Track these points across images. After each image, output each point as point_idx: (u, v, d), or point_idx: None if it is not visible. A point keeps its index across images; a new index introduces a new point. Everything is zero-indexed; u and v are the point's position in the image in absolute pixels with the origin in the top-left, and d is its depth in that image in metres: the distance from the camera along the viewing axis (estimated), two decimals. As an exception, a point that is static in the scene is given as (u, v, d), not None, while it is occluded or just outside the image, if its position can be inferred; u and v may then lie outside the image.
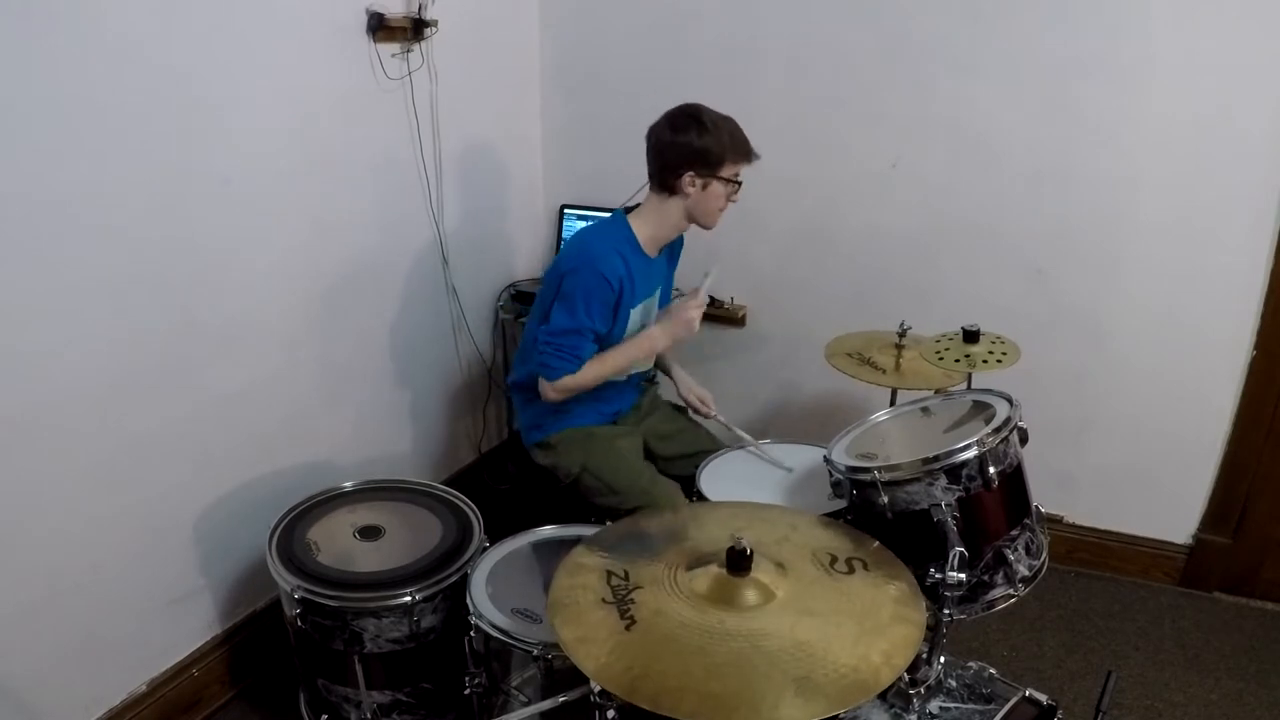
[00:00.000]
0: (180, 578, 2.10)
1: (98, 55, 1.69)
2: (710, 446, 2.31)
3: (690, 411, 2.43)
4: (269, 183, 2.10)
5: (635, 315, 2.18)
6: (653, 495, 2.11)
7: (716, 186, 2.06)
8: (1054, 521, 2.78)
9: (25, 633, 1.78)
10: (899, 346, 2.29)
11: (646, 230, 2.15)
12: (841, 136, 2.72)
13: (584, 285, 2.04)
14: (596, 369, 2.12)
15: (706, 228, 2.16)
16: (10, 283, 1.63)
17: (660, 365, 2.45)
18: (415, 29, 2.37)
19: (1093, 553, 2.81)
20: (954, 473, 1.57)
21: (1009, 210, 2.60)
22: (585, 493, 2.21)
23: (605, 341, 2.14)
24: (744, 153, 2.06)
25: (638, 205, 2.19)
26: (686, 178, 2.04)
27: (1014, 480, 1.64)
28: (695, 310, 2.15)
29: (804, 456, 2.14)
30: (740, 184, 2.09)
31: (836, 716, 1.28)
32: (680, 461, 2.31)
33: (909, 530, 1.60)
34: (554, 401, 2.13)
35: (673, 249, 2.30)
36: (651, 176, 2.11)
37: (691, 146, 2.02)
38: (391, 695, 1.86)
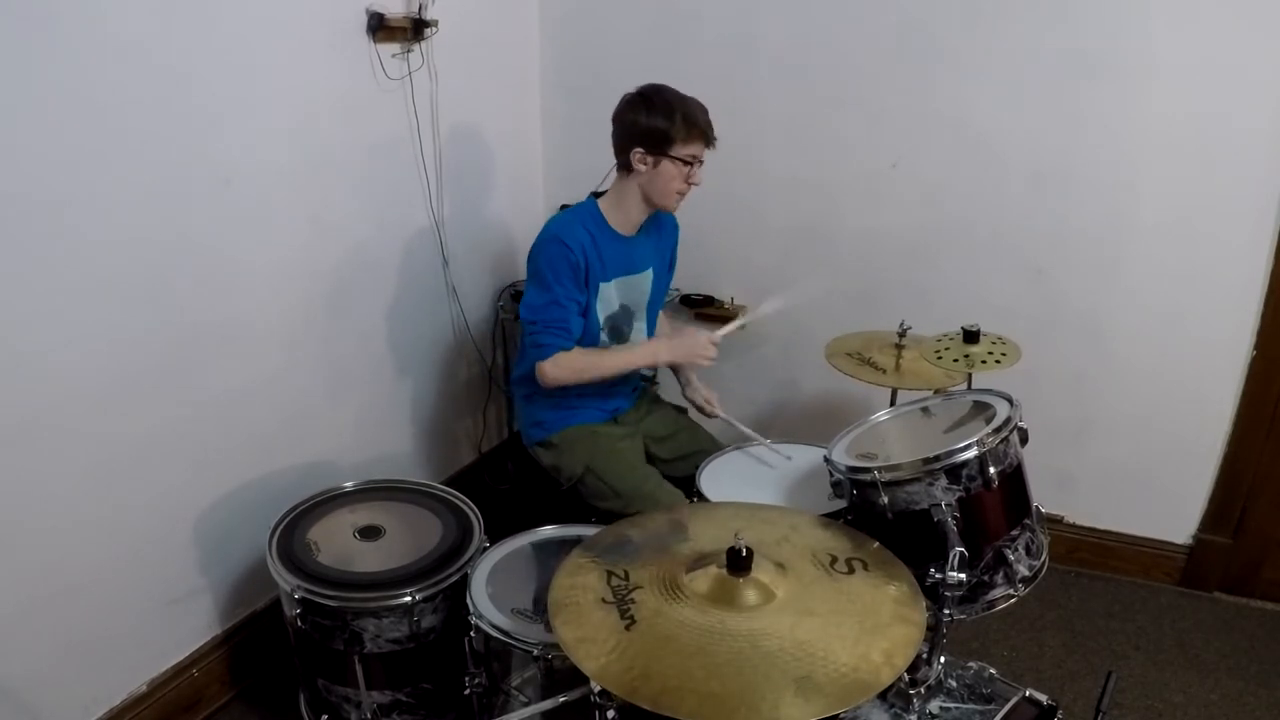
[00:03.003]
0: (180, 578, 2.10)
1: (98, 55, 1.69)
2: (709, 447, 2.31)
3: (694, 411, 2.42)
4: (269, 183, 2.10)
5: (611, 290, 2.18)
6: (657, 500, 2.11)
7: (668, 166, 2.06)
8: (1054, 521, 2.78)
9: (25, 633, 1.78)
10: (899, 346, 2.29)
11: (614, 211, 2.17)
12: (841, 136, 2.72)
13: (548, 256, 2.07)
14: (596, 360, 2.13)
15: (664, 209, 2.18)
16: (10, 283, 1.63)
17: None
18: (415, 29, 2.37)
19: (1093, 553, 2.81)
20: (954, 473, 1.57)
21: (1009, 210, 2.60)
22: (587, 495, 2.21)
23: (585, 312, 2.14)
24: (697, 135, 2.05)
25: (607, 191, 2.21)
26: (635, 155, 2.06)
27: (1014, 480, 1.64)
28: (709, 344, 2.18)
29: (804, 456, 2.14)
30: (693, 165, 2.07)
31: (836, 716, 1.28)
32: (680, 463, 2.31)
33: (909, 530, 1.60)
34: (555, 383, 2.12)
35: (659, 229, 2.29)
36: (615, 156, 2.13)
37: (639, 124, 2.04)
38: (391, 695, 1.86)
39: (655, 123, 2.02)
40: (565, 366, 2.10)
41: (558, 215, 2.23)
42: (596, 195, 2.22)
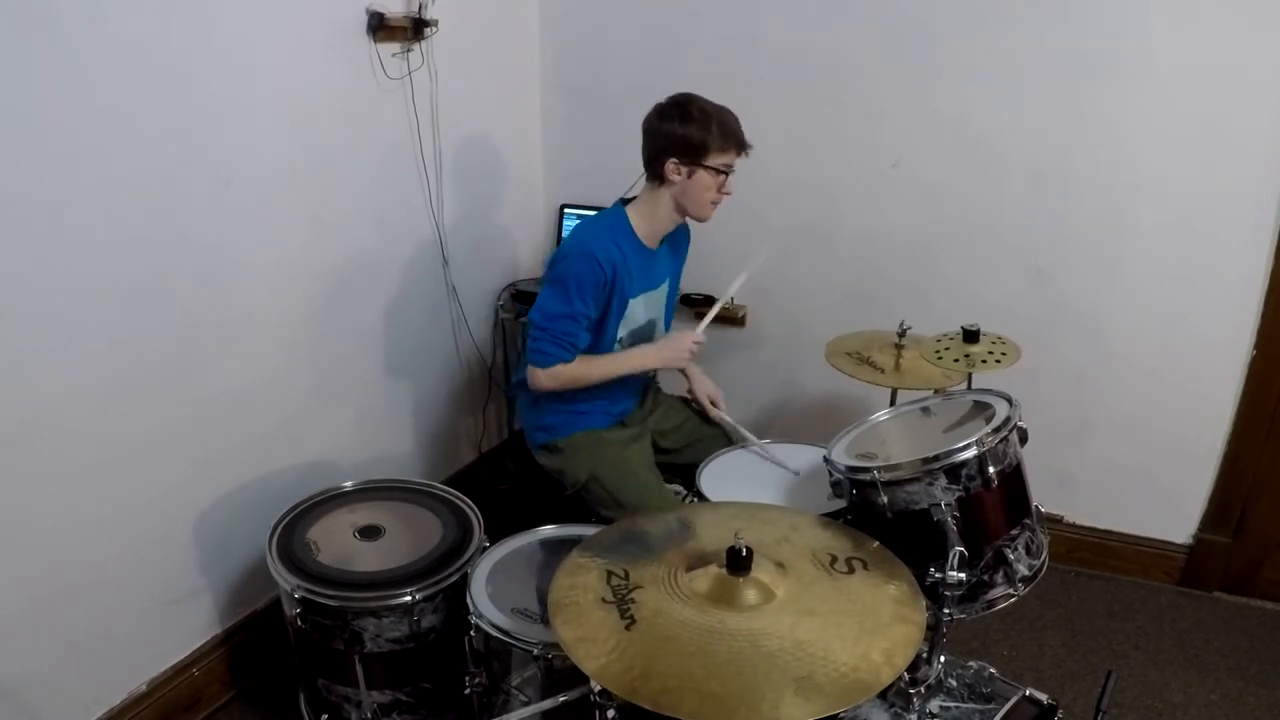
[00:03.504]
0: (180, 578, 2.10)
1: (98, 55, 1.69)
2: (716, 433, 2.31)
3: (695, 407, 2.42)
4: (269, 183, 2.10)
5: (638, 306, 2.17)
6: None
7: (703, 175, 2.04)
8: (1054, 521, 2.78)
9: (25, 633, 1.78)
10: (899, 346, 2.29)
11: (642, 221, 2.14)
12: (841, 136, 2.72)
13: (576, 269, 2.04)
14: (588, 369, 2.12)
15: (698, 219, 2.15)
16: (10, 283, 1.63)
17: None
18: (415, 29, 2.38)
19: (1093, 553, 2.81)
20: (954, 472, 1.57)
21: (1009, 210, 2.60)
22: (591, 501, 2.20)
23: (603, 327, 2.13)
24: (733, 142, 2.03)
25: (635, 197, 2.18)
26: (670, 165, 2.03)
27: (1014, 480, 1.64)
28: (691, 343, 2.17)
29: (804, 456, 2.14)
30: (728, 174, 2.06)
31: (836, 716, 1.28)
32: (687, 450, 2.31)
33: (909, 530, 1.60)
34: (544, 390, 2.12)
35: (675, 242, 2.28)
36: (645, 166, 2.11)
37: (675, 134, 2.01)
38: (392, 695, 1.86)
39: (690, 132, 2.00)
40: (560, 377, 2.09)
41: (590, 224, 2.18)
42: (625, 201, 2.19)
